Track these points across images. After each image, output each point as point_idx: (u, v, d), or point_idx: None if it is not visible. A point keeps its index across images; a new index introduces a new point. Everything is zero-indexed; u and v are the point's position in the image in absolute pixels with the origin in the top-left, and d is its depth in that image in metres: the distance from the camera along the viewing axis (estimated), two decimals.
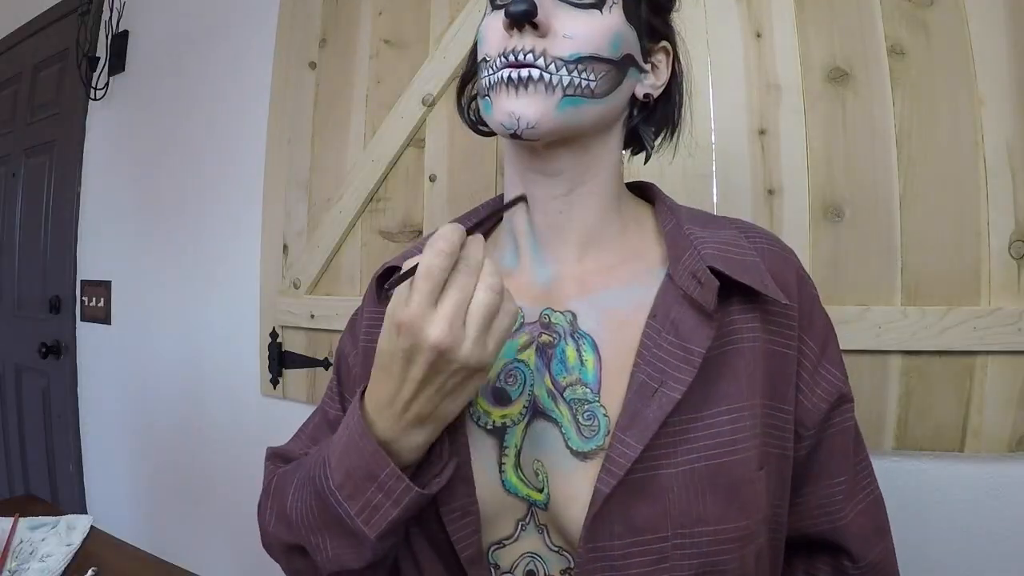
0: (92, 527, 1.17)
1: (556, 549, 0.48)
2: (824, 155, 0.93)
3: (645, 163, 0.61)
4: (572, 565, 0.48)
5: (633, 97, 0.54)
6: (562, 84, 0.46)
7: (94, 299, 2.01)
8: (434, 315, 0.39)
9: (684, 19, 0.60)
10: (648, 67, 0.54)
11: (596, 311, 0.51)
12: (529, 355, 0.51)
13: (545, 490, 0.48)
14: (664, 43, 0.55)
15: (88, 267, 2.05)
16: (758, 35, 0.98)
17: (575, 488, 0.47)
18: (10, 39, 2.42)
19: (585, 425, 0.48)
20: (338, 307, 1.33)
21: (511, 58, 0.47)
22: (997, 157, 0.84)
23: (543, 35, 0.47)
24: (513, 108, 0.46)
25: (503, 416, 0.50)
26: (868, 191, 0.90)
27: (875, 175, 0.90)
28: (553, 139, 0.49)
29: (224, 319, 1.61)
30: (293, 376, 1.43)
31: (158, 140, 1.83)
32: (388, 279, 0.57)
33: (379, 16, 1.34)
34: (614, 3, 0.49)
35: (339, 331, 1.33)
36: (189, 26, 1.76)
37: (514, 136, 0.47)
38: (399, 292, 0.41)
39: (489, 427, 0.50)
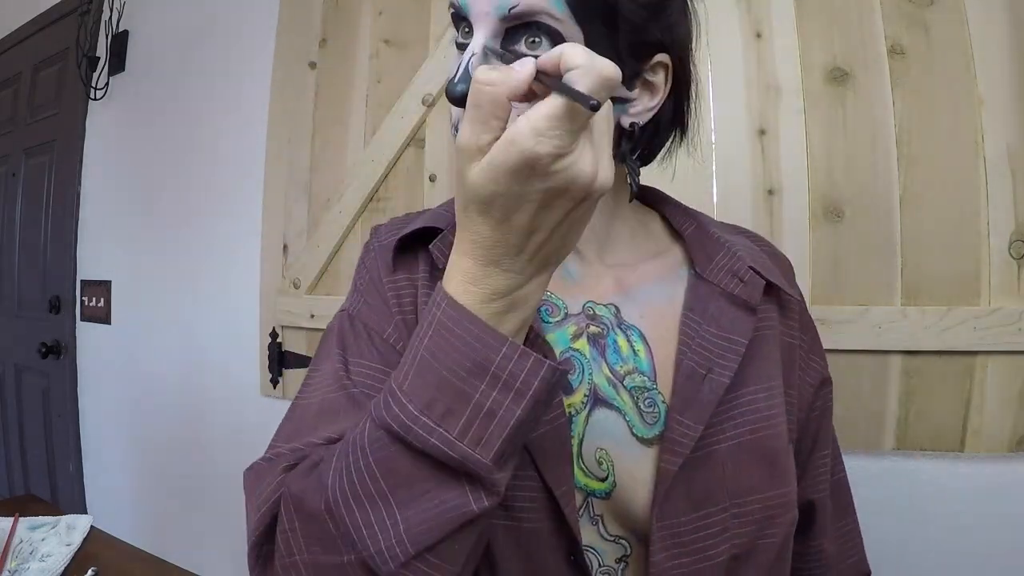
0: (92, 527, 1.17)
1: (612, 538, 0.49)
2: (824, 155, 0.93)
3: (630, 201, 0.54)
4: (628, 552, 0.49)
5: (619, 127, 0.49)
6: None
7: (94, 299, 2.01)
8: (583, 150, 0.33)
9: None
10: (635, 93, 0.48)
11: (637, 305, 0.53)
12: (582, 344, 0.51)
13: (610, 478, 0.48)
14: (660, 57, 0.48)
15: (88, 267, 2.06)
16: (758, 35, 0.98)
17: (643, 473, 0.48)
18: (10, 39, 2.42)
19: (647, 412, 0.50)
20: (338, 307, 1.33)
21: None
22: (997, 157, 0.84)
23: None
24: None
25: (568, 405, 0.49)
26: (868, 191, 0.90)
27: (875, 175, 0.90)
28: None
29: (224, 319, 1.61)
30: (293, 376, 1.43)
31: (158, 140, 1.83)
32: (403, 246, 0.54)
33: (379, 16, 1.34)
34: None
35: None
36: (189, 26, 1.76)
37: None
38: (520, 124, 0.33)
39: None
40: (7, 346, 2.37)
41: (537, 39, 0.44)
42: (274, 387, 1.46)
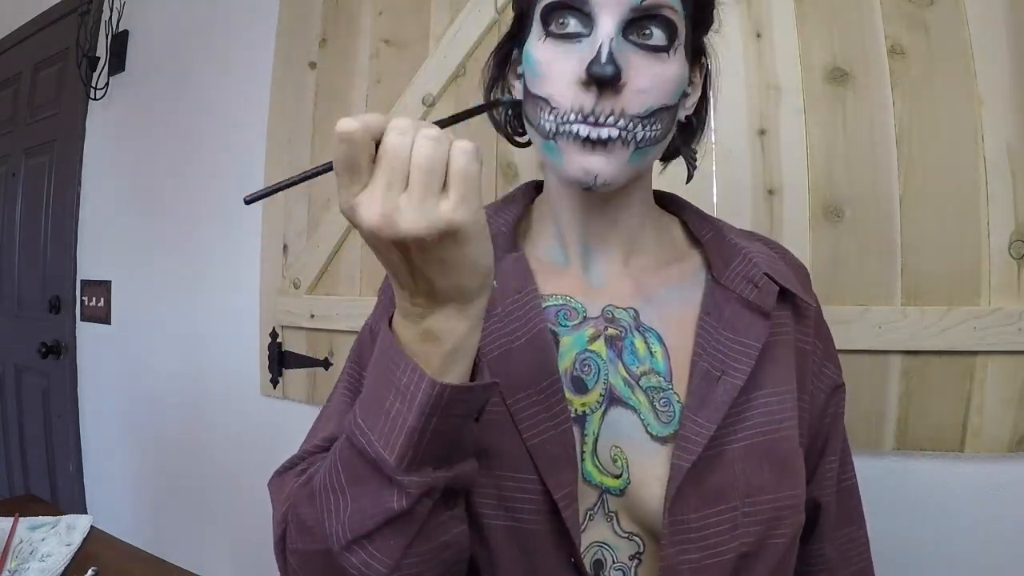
0: (92, 527, 1.17)
1: (626, 535, 0.50)
2: (824, 155, 0.93)
3: (688, 182, 0.61)
4: (642, 549, 0.50)
5: (679, 122, 0.54)
6: (635, 139, 0.48)
7: (94, 299, 2.01)
8: (360, 199, 0.35)
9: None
10: (690, 89, 0.54)
11: (655, 308, 0.55)
12: (599, 346, 0.53)
13: (624, 475, 0.50)
14: (702, 59, 0.56)
15: (88, 267, 2.06)
16: (758, 35, 0.97)
17: (658, 470, 0.49)
18: (10, 39, 2.42)
19: (662, 411, 0.51)
20: (338, 307, 1.33)
21: (590, 119, 0.47)
22: (997, 157, 0.84)
23: (619, 91, 0.47)
24: (591, 165, 0.48)
25: (583, 404, 0.51)
26: (868, 191, 0.90)
27: (875, 175, 0.90)
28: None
29: (224, 319, 1.61)
30: (293, 376, 1.43)
31: (158, 140, 1.83)
32: None
33: (379, 16, 1.34)
34: (680, 44, 0.50)
35: (339, 331, 1.33)
36: (189, 26, 1.76)
37: (587, 189, 0.50)
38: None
39: (573, 415, 0.51)
40: (7, 346, 2.37)
41: (649, 31, 0.48)
42: (274, 387, 1.46)
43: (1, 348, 2.41)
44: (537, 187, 0.63)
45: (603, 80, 0.45)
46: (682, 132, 0.57)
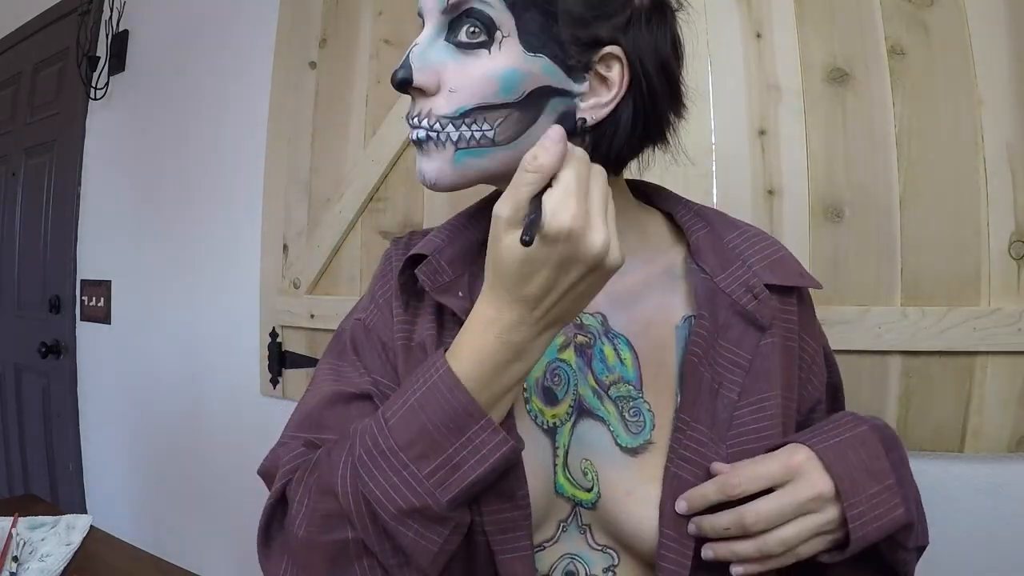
0: (92, 527, 1.17)
1: (600, 547, 0.49)
2: (824, 155, 0.93)
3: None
4: (616, 562, 0.49)
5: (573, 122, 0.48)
6: (451, 140, 0.47)
7: (94, 299, 2.01)
8: (592, 221, 0.39)
9: (682, 20, 0.54)
10: (585, 86, 0.47)
11: (624, 312, 0.53)
12: (569, 355, 0.52)
13: (595, 488, 0.49)
14: (610, 49, 0.47)
15: (88, 267, 2.06)
16: (758, 35, 0.97)
17: (629, 483, 0.48)
18: (10, 39, 2.42)
19: (632, 421, 0.50)
20: (338, 307, 1.33)
21: (411, 122, 0.50)
22: (997, 157, 0.84)
23: (432, 94, 0.48)
24: (419, 166, 0.50)
25: (553, 416, 0.50)
26: (868, 191, 0.90)
27: (875, 175, 0.90)
28: (467, 189, 0.52)
29: (224, 319, 1.61)
30: (293, 376, 1.43)
31: (158, 140, 1.83)
32: (410, 272, 0.55)
33: (379, 16, 1.34)
34: (505, 36, 0.45)
35: None
36: (189, 26, 1.76)
37: (432, 188, 0.51)
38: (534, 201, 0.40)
39: (545, 427, 0.50)
40: (7, 346, 2.37)
41: (476, 28, 0.46)
42: (274, 387, 1.46)
43: (1, 348, 2.41)
44: None
45: (397, 85, 0.48)
46: (579, 135, 0.48)
